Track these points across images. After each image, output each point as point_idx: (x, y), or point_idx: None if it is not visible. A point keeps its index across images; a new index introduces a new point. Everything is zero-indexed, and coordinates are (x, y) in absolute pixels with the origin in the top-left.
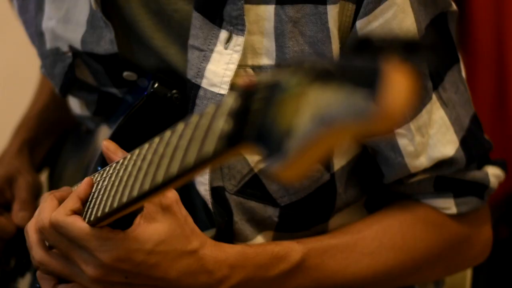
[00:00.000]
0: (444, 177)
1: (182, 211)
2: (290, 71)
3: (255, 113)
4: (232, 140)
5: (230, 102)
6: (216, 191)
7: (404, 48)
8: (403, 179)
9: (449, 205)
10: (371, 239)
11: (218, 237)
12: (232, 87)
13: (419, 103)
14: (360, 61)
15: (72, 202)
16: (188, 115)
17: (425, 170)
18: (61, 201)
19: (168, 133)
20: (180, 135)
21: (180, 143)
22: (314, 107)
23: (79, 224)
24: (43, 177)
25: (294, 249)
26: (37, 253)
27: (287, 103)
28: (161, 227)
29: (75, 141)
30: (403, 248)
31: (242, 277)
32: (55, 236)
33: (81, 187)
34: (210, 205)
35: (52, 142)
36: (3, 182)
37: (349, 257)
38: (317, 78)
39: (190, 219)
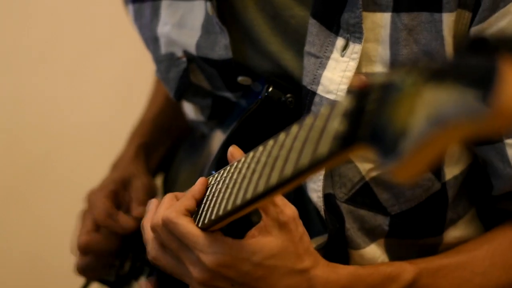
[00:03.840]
0: None
1: (299, 229)
2: (404, 71)
3: (369, 113)
4: (347, 141)
5: (345, 103)
6: (327, 199)
7: None
8: None
9: None
10: (482, 258)
11: (330, 244)
12: (348, 89)
13: None
14: (474, 61)
15: (186, 202)
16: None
17: None
18: None
19: (282, 136)
20: (294, 137)
21: (294, 144)
22: (428, 106)
23: (190, 225)
24: (158, 182)
25: (406, 270)
26: (152, 248)
27: (401, 103)
28: (274, 242)
29: (189, 146)
30: None
31: None
32: (166, 234)
33: (196, 187)
34: (322, 212)
35: (167, 148)
36: (118, 185)
37: (460, 277)
38: (431, 77)
39: (306, 237)
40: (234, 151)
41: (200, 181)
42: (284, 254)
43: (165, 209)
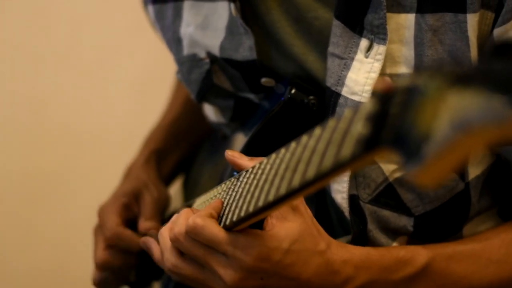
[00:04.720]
0: None
1: (308, 211)
2: (429, 75)
3: (393, 117)
4: (370, 144)
5: (368, 106)
6: (351, 200)
7: None
8: None
9: None
10: (498, 246)
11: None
12: (372, 93)
13: None
14: (499, 65)
15: (209, 210)
16: (326, 120)
17: None
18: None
19: (305, 138)
20: (317, 140)
21: (317, 147)
22: (452, 111)
23: (218, 227)
24: (178, 184)
25: (419, 253)
26: (169, 258)
27: (425, 107)
28: (293, 226)
29: (211, 147)
30: None
31: (367, 278)
32: (190, 242)
33: (215, 203)
34: (346, 214)
35: (184, 151)
36: (131, 197)
37: (475, 263)
38: (456, 82)
39: (315, 220)
40: (233, 153)
41: (218, 201)
42: (304, 237)
43: (186, 219)
